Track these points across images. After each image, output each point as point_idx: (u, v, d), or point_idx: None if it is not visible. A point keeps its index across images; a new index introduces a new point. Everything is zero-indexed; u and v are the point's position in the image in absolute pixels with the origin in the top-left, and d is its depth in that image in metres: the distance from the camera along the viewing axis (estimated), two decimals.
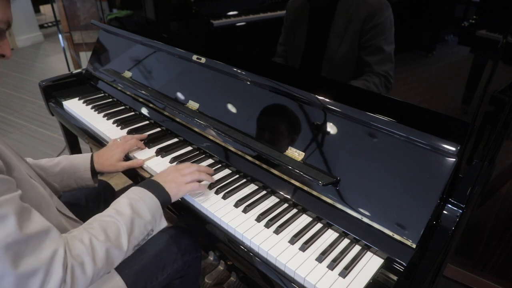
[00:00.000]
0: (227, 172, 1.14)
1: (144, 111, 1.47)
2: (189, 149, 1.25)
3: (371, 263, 0.84)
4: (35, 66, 4.45)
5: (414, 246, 0.81)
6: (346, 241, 0.90)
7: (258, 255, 0.88)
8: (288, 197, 1.01)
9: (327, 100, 1.02)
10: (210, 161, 1.19)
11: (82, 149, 2.17)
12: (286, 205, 1.00)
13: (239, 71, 1.23)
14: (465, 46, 0.87)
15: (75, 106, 1.57)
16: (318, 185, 0.95)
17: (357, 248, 0.88)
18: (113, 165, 1.15)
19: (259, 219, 0.94)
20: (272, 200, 1.02)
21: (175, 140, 1.31)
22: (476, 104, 0.84)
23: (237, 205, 0.99)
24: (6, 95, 3.63)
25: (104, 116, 1.48)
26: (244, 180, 1.10)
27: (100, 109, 1.53)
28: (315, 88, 1.05)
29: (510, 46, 0.77)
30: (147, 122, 1.44)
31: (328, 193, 0.94)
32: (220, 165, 1.17)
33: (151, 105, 1.44)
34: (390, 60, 1.00)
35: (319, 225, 0.94)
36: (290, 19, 1.20)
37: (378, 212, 0.87)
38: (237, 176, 1.11)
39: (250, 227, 0.92)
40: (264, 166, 1.07)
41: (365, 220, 0.88)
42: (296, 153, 1.03)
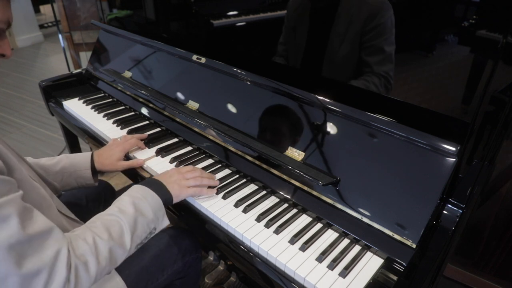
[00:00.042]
0: (227, 172, 1.14)
1: (144, 111, 1.47)
2: (189, 149, 1.25)
3: (371, 263, 0.84)
4: (35, 66, 4.45)
5: (414, 246, 0.81)
6: (346, 241, 0.90)
7: (258, 255, 0.88)
8: (288, 197, 1.01)
9: (327, 100, 1.02)
10: (210, 161, 1.19)
11: (82, 149, 2.17)
12: (286, 205, 1.00)
13: (239, 71, 1.23)
14: (465, 46, 0.87)
15: (75, 106, 1.57)
16: (318, 185, 0.95)
17: (357, 248, 0.88)
18: (113, 164, 1.15)
19: (259, 219, 0.94)
20: (272, 200, 1.02)
21: (175, 140, 1.31)
22: (476, 104, 0.84)
23: (237, 205, 0.99)
24: (6, 95, 3.63)
25: (104, 116, 1.48)
26: (244, 180, 1.10)
27: (100, 109, 1.53)
28: (315, 88, 1.05)
29: (510, 46, 0.77)
30: (147, 122, 1.44)
31: (328, 193, 0.94)
32: (220, 165, 1.17)
33: (151, 105, 1.44)
34: (391, 61, 1.00)
35: (319, 225, 0.94)
36: (291, 19, 1.20)
37: (378, 212, 0.87)
38: (237, 176, 1.11)
39: (250, 227, 0.93)
40: (264, 166, 1.07)
41: (365, 220, 0.88)
42: (296, 153, 1.03)
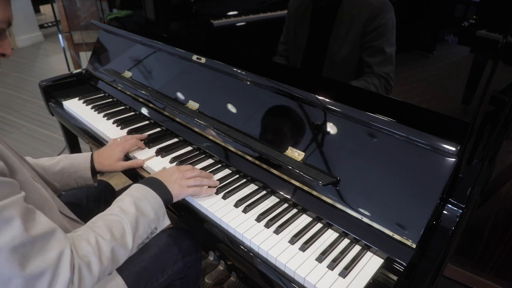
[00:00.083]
0: (227, 172, 1.14)
1: (144, 111, 1.47)
2: (189, 149, 1.25)
3: (371, 263, 0.84)
4: (35, 66, 4.45)
5: (414, 246, 0.81)
6: (346, 241, 0.90)
7: (258, 255, 0.88)
8: (288, 197, 1.01)
9: (327, 100, 1.02)
10: (210, 161, 1.19)
11: (82, 149, 2.17)
12: (286, 205, 1.00)
13: (239, 71, 1.23)
14: (465, 46, 0.87)
15: (75, 106, 1.57)
16: (318, 185, 0.95)
17: (357, 248, 0.88)
18: (113, 165, 1.15)
19: (259, 219, 0.94)
20: (272, 200, 1.02)
21: (175, 140, 1.31)
22: (476, 104, 0.84)
23: (237, 205, 0.99)
24: (6, 95, 3.63)
25: (104, 116, 1.48)
26: (244, 180, 1.10)
27: (100, 109, 1.53)
28: (315, 88, 1.05)
29: (510, 46, 0.77)
30: (147, 122, 1.44)
31: (328, 193, 0.94)
32: (220, 165, 1.17)
33: (151, 105, 1.44)
34: (391, 62, 1.00)
35: (319, 225, 0.94)
36: (292, 18, 1.19)
37: (378, 212, 0.87)
38: (237, 176, 1.11)
39: (250, 227, 0.93)
40: (264, 166, 1.07)
41: (365, 220, 0.88)
42: (296, 153, 1.03)
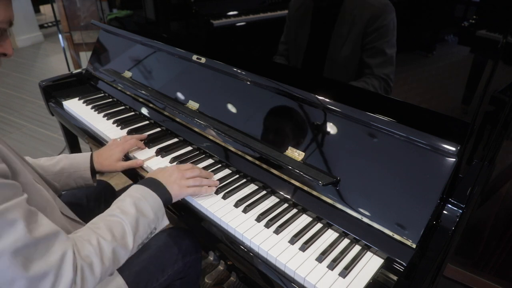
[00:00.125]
0: (227, 172, 1.14)
1: (144, 111, 1.47)
2: (189, 149, 1.25)
3: (371, 263, 0.84)
4: (35, 66, 4.45)
5: (414, 246, 0.81)
6: (346, 241, 0.90)
7: (258, 255, 0.88)
8: (288, 197, 1.01)
9: (327, 100, 1.02)
10: (210, 161, 1.19)
11: (82, 149, 2.17)
12: (286, 205, 1.00)
13: (239, 71, 1.23)
14: (465, 46, 0.87)
15: (75, 106, 1.57)
16: (318, 185, 0.95)
17: (357, 248, 0.88)
18: (112, 165, 1.15)
19: (259, 219, 0.94)
20: (272, 200, 1.02)
21: (175, 140, 1.31)
22: (476, 104, 0.84)
23: (237, 205, 0.99)
24: (6, 95, 3.63)
25: (104, 116, 1.48)
26: (244, 180, 1.10)
27: (100, 109, 1.53)
28: (315, 88, 1.05)
29: (510, 46, 0.77)
30: (147, 122, 1.44)
31: (328, 193, 0.94)
32: (220, 165, 1.17)
33: (151, 105, 1.44)
34: (391, 63, 0.99)
35: (319, 225, 0.94)
36: (293, 18, 1.19)
37: (378, 212, 0.87)
38: (237, 176, 1.11)
39: (250, 227, 0.93)
40: (264, 166, 1.07)
41: (365, 220, 0.88)
42: (296, 153, 1.03)
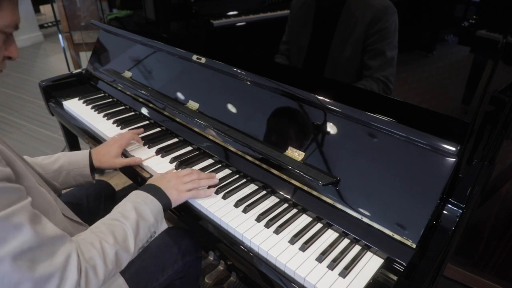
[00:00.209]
0: (227, 172, 1.14)
1: (144, 111, 1.47)
2: (189, 149, 1.25)
3: (371, 263, 0.84)
4: (35, 66, 4.45)
5: (414, 246, 0.81)
6: (346, 241, 0.90)
7: (258, 255, 0.88)
8: (288, 197, 1.01)
9: (327, 100, 1.02)
10: (210, 161, 1.19)
11: (82, 149, 2.16)
12: (286, 205, 1.00)
13: (239, 71, 1.23)
14: (465, 46, 0.87)
15: (75, 106, 1.57)
16: (318, 185, 0.95)
17: (357, 248, 0.88)
18: (111, 161, 1.16)
19: (259, 219, 0.94)
20: (272, 200, 1.02)
21: (175, 140, 1.31)
22: (476, 104, 0.84)
23: (237, 205, 0.99)
24: (6, 95, 3.63)
25: (104, 116, 1.48)
26: (244, 180, 1.10)
27: (100, 109, 1.53)
28: (315, 88, 1.05)
29: (510, 46, 0.77)
30: (147, 122, 1.44)
31: (328, 193, 0.94)
32: (220, 165, 1.17)
33: (151, 105, 1.44)
34: (391, 65, 0.99)
35: (319, 225, 0.94)
36: (295, 18, 1.18)
37: (378, 212, 0.87)
38: (237, 176, 1.11)
39: (250, 227, 0.93)
40: (264, 166, 1.07)
41: (365, 220, 0.88)
42: (296, 153, 1.03)
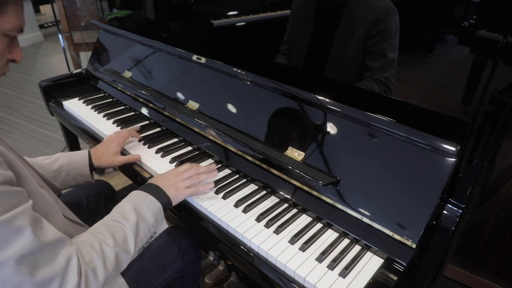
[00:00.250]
0: (227, 172, 1.14)
1: (144, 111, 1.47)
2: (189, 149, 1.25)
3: (371, 263, 0.84)
4: (35, 66, 4.45)
5: (414, 246, 0.81)
6: (346, 241, 0.90)
7: (258, 255, 0.88)
8: (288, 197, 1.01)
9: (327, 100, 1.02)
10: (210, 161, 1.19)
11: (82, 149, 2.16)
12: (286, 205, 1.00)
13: (239, 71, 1.23)
14: (465, 46, 0.87)
15: (75, 106, 1.57)
16: (318, 185, 0.95)
17: (357, 248, 0.88)
18: (110, 160, 1.16)
19: (259, 219, 0.94)
20: (272, 200, 1.02)
21: (175, 140, 1.31)
22: (476, 104, 0.84)
23: (237, 205, 0.99)
24: (6, 95, 3.63)
25: (104, 116, 1.48)
26: (244, 180, 1.10)
27: (100, 109, 1.53)
28: (315, 88, 1.05)
29: (510, 46, 0.77)
30: (147, 122, 1.44)
31: (328, 193, 0.94)
32: (220, 165, 1.17)
33: (151, 105, 1.44)
34: (392, 67, 0.99)
35: (319, 225, 0.94)
36: (295, 18, 1.18)
37: (378, 212, 0.87)
38: (237, 176, 1.11)
39: (250, 227, 0.93)
40: (264, 166, 1.07)
41: (365, 220, 0.88)
42: (296, 153, 1.03)
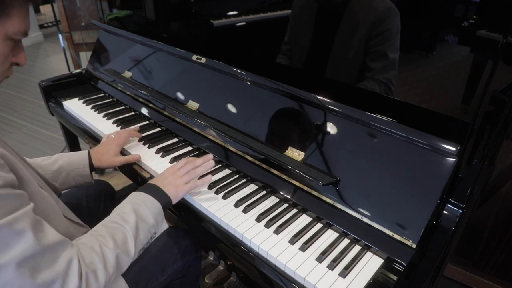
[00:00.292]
0: (227, 172, 1.14)
1: (144, 111, 1.47)
2: (189, 149, 1.25)
3: (371, 263, 0.84)
4: (35, 66, 4.45)
5: (414, 246, 0.81)
6: (346, 241, 0.90)
7: (258, 255, 0.88)
8: (288, 197, 1.01)
9: (327, 100, 1.02)
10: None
11: (82, 149, 2.16)
12: (286, 205, 1.00)
13: (239, 71, 1.23)
14: (465, 46, 0.87)
15: (75, 106, 1.57)
16: (318, 185, 0.95)
17: (357, 248, 0.88)
18: (110, 160, 1.16)
19: (259, 219, 0.94)
20: (272, 200, 1.02)
21: (175, 140, 1.31)
22: (476, 104, 0.84)
23: (237, 205, 0.99)
24: (6, 95, 3.63)
25: (104, 116, 1.48)
26: (244, 180, 1.10)
27: (100, 109, 1.53)
28: (315, 88, 1.05)
29: (510, 46, 0.77)
30: (147, 122, 1.44)
31: (328, 193, 0.94)
32: (220, 165, 1.17)
33: (151, 105, 1.44)
34: (393, 67, 0.99)
35: (319, 225, 0.94)
36: (296, 17, 1.18)
37: (378, 212, 0.87)
38: (237, 176, 1.11)
39: (250, 227, 0.92)
40: (264, 166, 1.07)
41: (365, 220, 0.88)
42: (296, 153, 1.03)
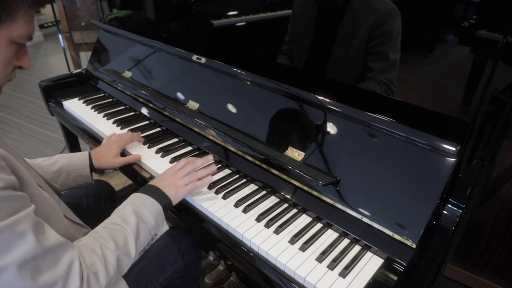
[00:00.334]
0: (227, 172, 1.14)
1: (144, 111, 1.47)
2: (189, 149, 1.25)
3: (371, 263, 0.84)
4: (35, 66, 4.45)
5: (414, 246, 0.81)
6: (346, 241, 0.90)
7: (258, 255, 0.88)
8: (288, 197, 1.01)
9: (327, 100, 1.02)
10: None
11: (82, 149, 2.16)
12: (286, 205, 1.00)
13: (239, 71, 1.23)
14: (465, 46, 0.87)
15: (75, 106, 1.57)
16: (318, 185, 0.95)
17: (357, 248, 0.88)
18: (110, 161, 1.16)
19: (259, 219, 0.94)
20: (272, 200, 1.02)
21: (175, 140, 1.31)
22: (476, 104, 0.84)
23: (237, 205, 0.99)
24: (6, 95, 3.63)
25: (104, 116, 1.48)
26: (244, 180, 1.10)
27: (100, 109, 1.53)
28: (315, 88, 1.05)
29: (510, 46, 0.77)
30: (147, 122, 1.44)
31: (328, 193, 0.94)
32: (220, 165, 1.17)
33: (151, 105, 1.44)
34: (394, 68, 0.99)
35: (319, 225, 0.94)
36: (296, 17, 1.18)
37: (378, 212, 0.87)
38: (237, 176, 1.11)
39: (250, 227, 0.93)
40: (264, 166, 1.07)
41: (365, 220, 0.88)
42: (296, 153, 1.03)
